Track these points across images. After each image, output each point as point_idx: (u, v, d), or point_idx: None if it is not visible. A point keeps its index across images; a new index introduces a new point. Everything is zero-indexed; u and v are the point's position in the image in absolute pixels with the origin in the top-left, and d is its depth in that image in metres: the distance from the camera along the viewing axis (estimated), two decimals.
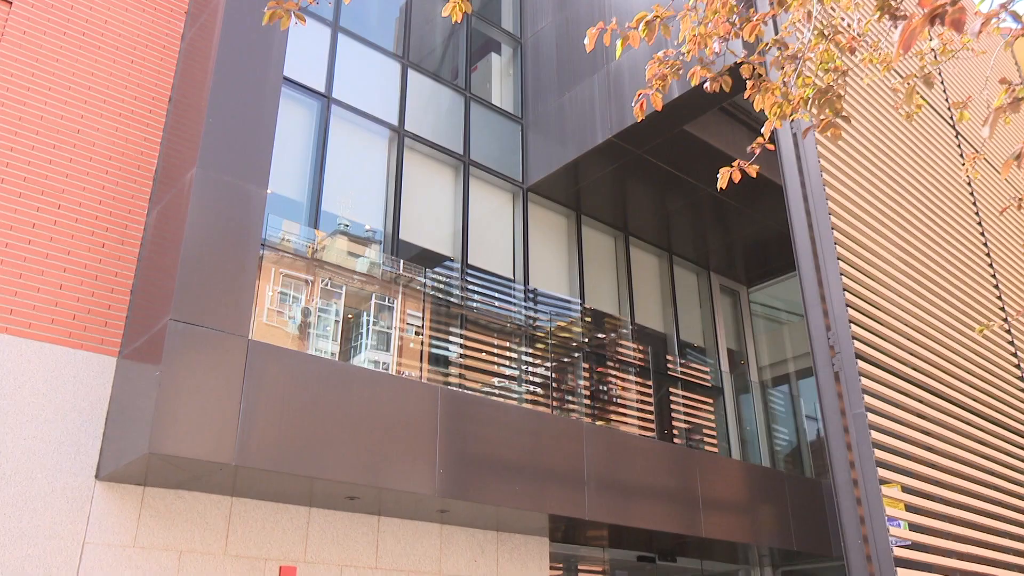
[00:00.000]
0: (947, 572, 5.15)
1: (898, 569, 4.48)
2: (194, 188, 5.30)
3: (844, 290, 5.41)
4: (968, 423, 6.17)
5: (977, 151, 4.29)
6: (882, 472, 4.97)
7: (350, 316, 7.02)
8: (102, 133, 6.08)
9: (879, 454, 5.04)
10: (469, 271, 8.02)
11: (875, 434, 5.09)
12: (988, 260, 7.96)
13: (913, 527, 5.10)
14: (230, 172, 5.49)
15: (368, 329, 7.13)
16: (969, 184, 8.35)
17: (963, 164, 8.10)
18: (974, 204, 8.31)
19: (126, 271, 5.84)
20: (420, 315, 7.45)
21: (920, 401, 5.76)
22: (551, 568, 7.40)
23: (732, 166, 3.58)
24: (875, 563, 4.61)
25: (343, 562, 6.08)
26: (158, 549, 5.30)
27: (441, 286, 7.75)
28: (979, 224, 8.18)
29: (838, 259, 5.48)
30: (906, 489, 5.21)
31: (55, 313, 5.43)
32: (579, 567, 8.40)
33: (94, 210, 5.84)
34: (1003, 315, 7.55)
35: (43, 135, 5.80)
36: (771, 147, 3.66)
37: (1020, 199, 4.32)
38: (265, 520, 5.81)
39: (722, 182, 3.51)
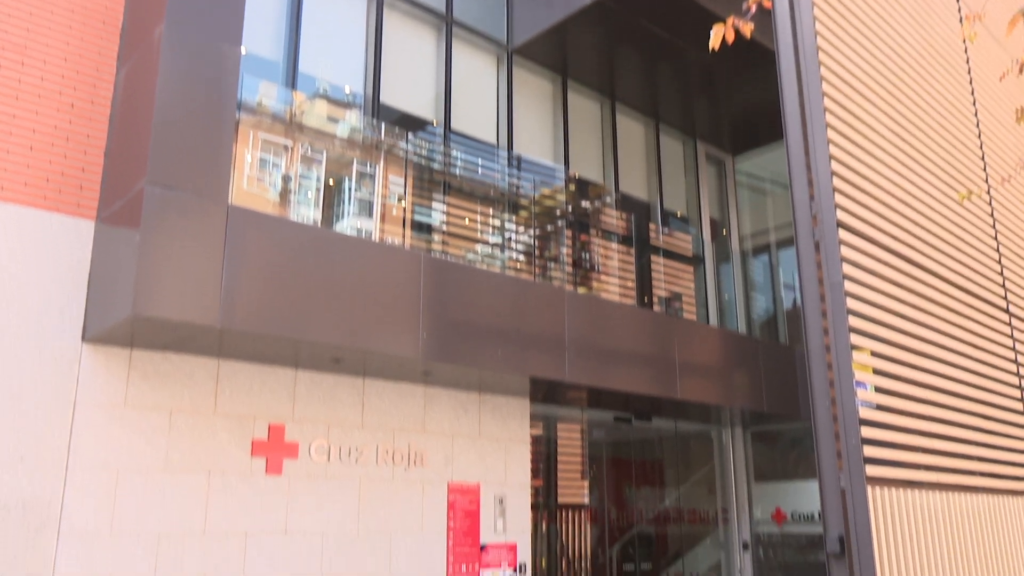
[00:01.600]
0: (908, 431, 5.39)
1: (862, 428, 4.69)
2: (163, 46, 5.07)
3: (831, 158, 5.36)
4: (944, 293, 6.30)
5: (977, 15, 4.15)
6: (854, 339, 5.10)
7: (331, 182, 6.92)
8: None
9: (853, 321, 5.16)
10: (452, 136, 7.87)
11: (851, 302, 5.19)
12: (977, 131, 7.89)
13: (879, 390, 5.29)
14: (201, 29, 5.24)
15: (350, 196, 7.05)
16: (965, 51, 8.15)
17: (962, 27, 7.89)
18: (968, 73, 8.15)
19: (98, 133, 5.67)
20: (402, 181, 7.37)
21: (897, 270, 5.85)
22: (531, 427, 7.69)
23: (725, 23, 3.45)
24: (841, 423, 4.81)
25: (330, 421, 6.28)
26: (148, 409, 5.44)
27: (424, 152, 7.62)
28: (971, 93, 8.05)
29: (827, 126, 5.40)
30: (875, 354, 5.37)
31: (27, 175, 5.31)
32: (558, 426, 8.74)
33: (60, 68, 5.60)
34: (986, 186, 7.57)
35: None
36: (767, 3, 3.51)
37: (1022, 64, 4.20)
38: (252, 381, 5.94)
39: (714, 41, 3.39)
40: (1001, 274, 7.27)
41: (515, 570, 7.19)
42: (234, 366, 5.87)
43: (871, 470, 4.60)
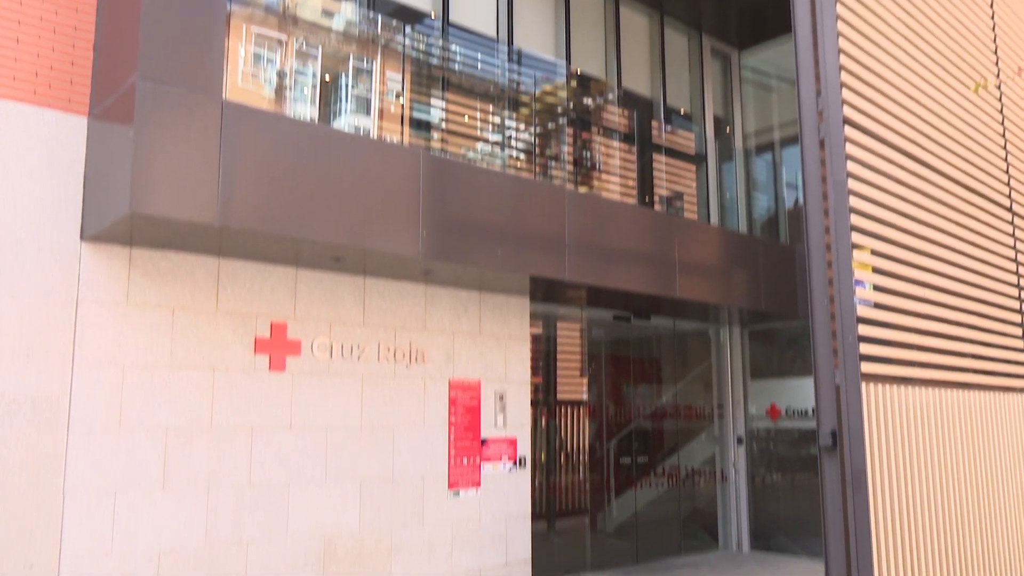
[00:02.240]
0: (905, 329, 5.45)
1: (860, 325, 4.73)
2: None
3: (840, 52, 5.21)
4: (948, 191, 6.24)
5: None
6: (855, 237, 5.08)
7: (328, 79, 6.75)
8: None
9: (855, 220, 5.13)
10: (450, 30, 7.63)
11: (853, 200, 5.14)
12: (992, 23, 7.64)
13: (878, 288, 5.31)
14: None
15: (347, 92, 6.90)
16: None
17: None
18: None
19: (86, 25, 5.49)
20: (400, 78, 7.19)
21: (903, 168, 5.78)
22: (531, 325, 7.78)
23: None
24: (838, 321, 4.85)
25: (331, 319, 6.34)
26: (151, 306, 5.48)
27: (421, 47, 7.40)
28: None
29: (837, 18, 5.22)
30: (875, 253, 5.36)
31: (16, 69, 5.17)
32: (558, 324, 8.83)
33: None
34: (998, 81, 7.39)
35: None
36: None
37: None
38: (253, 280, 5.97)
39: None
40: (1007, 172, 7.20)
41: (515, 463, 7.42)
42: (234, 264, 5.88)
43: (866, 367, 4.67)
